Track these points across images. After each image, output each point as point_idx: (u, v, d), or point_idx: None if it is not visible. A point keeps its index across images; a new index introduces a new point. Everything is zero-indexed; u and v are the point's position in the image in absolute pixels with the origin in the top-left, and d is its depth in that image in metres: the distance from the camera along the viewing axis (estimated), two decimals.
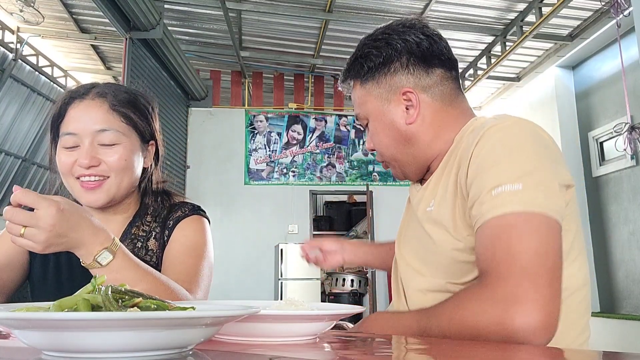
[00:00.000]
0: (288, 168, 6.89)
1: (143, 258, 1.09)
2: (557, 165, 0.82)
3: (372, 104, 1.00)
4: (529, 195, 0.76)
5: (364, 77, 1.00)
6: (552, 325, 0.71)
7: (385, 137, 1.00)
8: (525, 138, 0.82)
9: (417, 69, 0.97)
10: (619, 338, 4.52)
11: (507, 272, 0.73)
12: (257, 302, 0.71)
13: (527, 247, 0.73)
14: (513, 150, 0.81)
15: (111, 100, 1.06)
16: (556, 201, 0.77)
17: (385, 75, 0.98)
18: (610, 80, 5.01)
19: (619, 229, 4.87)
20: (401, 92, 0.97)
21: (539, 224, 0.75)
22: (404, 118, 0.97)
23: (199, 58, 6.55)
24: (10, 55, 5.46)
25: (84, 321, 0.43)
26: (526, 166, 0.78)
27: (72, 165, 1.02)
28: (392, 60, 0.97)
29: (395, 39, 0.97)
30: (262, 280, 6.39)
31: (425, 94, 0.97)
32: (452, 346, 0.71)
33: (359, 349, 0.70)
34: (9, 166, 6.01)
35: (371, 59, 0.99)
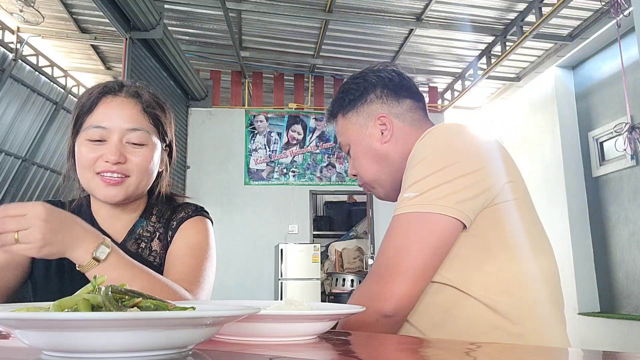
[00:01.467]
0: (288, 168, 6.89)
1: (146, 259, 1.10)
2: (478, 170, 0.91)
3: (353, 131, 1.15)
4: (419, 199, 0.89)
5: (346, 108, 1.16)
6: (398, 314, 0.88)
7: (365, 158, 1.14)
8: (435, 146, 0.95)
9: (390, 98, 1.13)
10: (619, 338, 4.52)
11: (374, 268, 0.92)
12: (257, 302, 0.71)
13: (392, 244, 0.90)
14: (423, 157, 0.94)
15: (144, 101, 1.07)
16: (448, 200, 0.87)
17: (363, 104, 1.14)
18: (610, 80, 5.01)
19: (619, 229, 4.87)
20: (377, 117, 1.12)
21: (417, 220, 0.88)
22: (380, 139, 1.11)
23: (199, 58, 6.55)
24: (10, 55, 5.46)
25: (84, 321, 0.43)
26: (427, 171, 0.91)
27: (95, 160, 1.01)
28: (368, 92, 1.14)
29: (371, 76, 1.15)
30: (262, 280, 6.39)
31: (397, 119, 1.12)
32: (452, 346, 0.71)
33: (359, 349, 0.70)
34: (9, 166, 6.01)
35: (351, 93, 1.16)
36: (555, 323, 0.93)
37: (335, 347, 0.69)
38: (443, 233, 0.88)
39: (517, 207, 0.94)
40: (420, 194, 0.89)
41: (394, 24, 5.40)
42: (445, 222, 0.87)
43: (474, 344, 0.76)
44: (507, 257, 0.91)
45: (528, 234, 0.94)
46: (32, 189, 6.57)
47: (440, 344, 0.74)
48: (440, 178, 0.89)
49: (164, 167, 1.16)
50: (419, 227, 0.88)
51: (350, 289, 6.43)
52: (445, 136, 0.96)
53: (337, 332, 0.85)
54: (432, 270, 0.89)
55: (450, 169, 0.90)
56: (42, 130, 6.32)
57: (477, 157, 0.93)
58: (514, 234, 0.92)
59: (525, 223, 0.95)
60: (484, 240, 0.91)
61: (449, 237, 0.88)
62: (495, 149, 0.97)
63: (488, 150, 0.95)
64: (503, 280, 0.90)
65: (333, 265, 6.97)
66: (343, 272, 6.70)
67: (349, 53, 6.29)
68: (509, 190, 0.93)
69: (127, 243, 1.10)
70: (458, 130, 0.98)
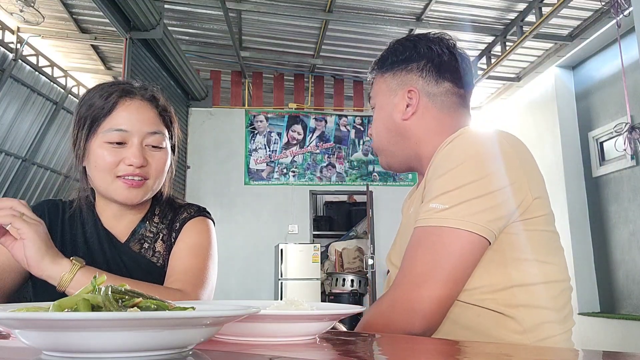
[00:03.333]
0: (288, 168, 6.88)
1: (150, 259, 1.10)
2: (507, 186, 0.87)
3: (382, 92, 1.10)
4: (448, 213, 0.86)
5: (385, 67, 1.10)
6: (429, 327, 0.85)
7: (382, 125, 1.10)
8: (466, 155, 0.90)
9: (430, 75, 1.06)
10: (619, 338, 4.52)
11: (401, 279, 0.88)
12: (257, 302, 0.71)
13: (422, 258, 0.86)
14: (452, 167, 0.89)
15: (160, 105, 1.09)
16: (477, 217, 0.85)
17: (402, 70, 1.07)
18: (610, 80, 5.01)
19: (619, 229, 4.87)
20: (407, 90, 1.06)
21: (445, 236, 0.85)
22: (401, 113, 1.06)
23: (199, 58, 6.55)
24: (11, 56, 5.46)
25: (84, 321, 0.43)
26: (457, 183, 0.87)
27: (116, 163, 1.02)
28: (412, 60, 1.07)
29: (422, 44, 1.08)
30: (262, 280, 6.40)
31: (427, 99, 1.06)
32: (452, 346, 0.71)
33: (359, 349, 0.70)
34: (9, 166, 6.01)
35: (395, 54, 1.09)
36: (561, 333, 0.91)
37: (335, 347, 0.69)
38: (472, 250, 0.85)
39: (541, 222, 0.91)
40: (450, 208, 0.86)
41: (394, 24, 5.40)
42: (475, 240, 0.85)
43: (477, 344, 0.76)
44: (517, 268, 0.89)
45: (544, 248, 0.92)
46: (32, 189, 6.57)
47: (443, 344, 0.74)
48: (470, 192, 0.86)
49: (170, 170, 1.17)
50: (449, 242, 0.85)
51: (350, 289, 6.43)
52: (476, 144, 0.91)
53: (337, 332, 0.85)
54: (460, 286, 0.87)
55: (480, 183, 0.86)
56: (42, 130, 6.32)
57: (509, 170, 0.89)
58: (531, 248, 0.90)
59: (544, 237, 0.92)
60: (500, 252, 0.89)
61: (477, 254, 0.86)
62: (526, 160, 0.94)
63: (519, 162, 0.91)
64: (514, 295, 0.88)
65: (333, 265, 6.97)
66: (343, 272, 6.70)
67: (349, 53, 6.29)
68: (537, 207, 0.90)
69: (130, 243, 1.11)
70: (489, 137, 0.93)
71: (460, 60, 1.08)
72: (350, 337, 0.80)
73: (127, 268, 1.08)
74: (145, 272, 1.07)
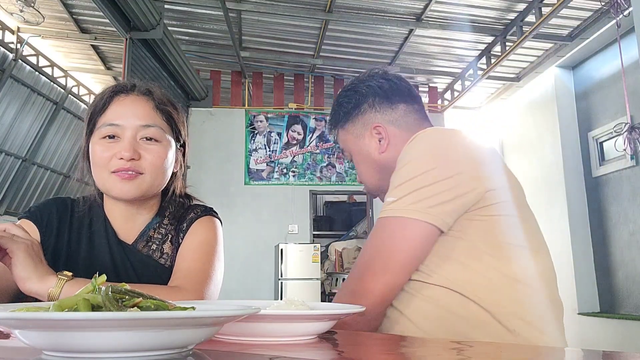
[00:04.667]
0: (288, 168, 6.89)
1: (157, 260, 1.10)
2: (454, 176, 0.92)
3: (352, 142, 1.18)
4: (396, 204, 0.93)
5: (342, 121, 1.19)
6: (375, 311, 0.91)
7: (365, 167, 1.17)
8: (417, 151, 0.97)
9: (382, 106, 1.14)
10: (619, 338, 4.52)
11: (353, 269, 0.96)
12: (257, 302, 0.71)
13: (371, 247, 0.94)
14: (404, 163, 0.97)
15: (156, 99, 1.08)
16: (423, 204, 0.90)
17: (357, 115, 1.16)
18: (610, 80, 5.01)
19: (619, 229, 4.87)
20: (372, 127, 1.14)
21: (393, 225, 0.92)
22: (377, 149, 1.14)
23: (199, 58, 6.55)
24: (11, 56, 5.46)
25: (84, 321, 0.43)
26: (407, 176, 0.94)
27: (109, 159, 1.01)
28: (361, 103, 1.16)
29: (360, 86, 1.17)
30: (262, 280, 6.40)
31: (392, 126, 1.14)
32: (453, 346, 0.71)
33: (359, 349, 0.70)
34: (9, 166, 6.01)
35: (344, 105, 1.18)
36: (550, 323, 0.94)
37: (335, 347, 0.69)
38: (416, 237, 0.91)
39: (504, 211, 0.95)
40: (398, 199, 0.93)
41: (394, 24, 5.40)
42: (418, 227, 0.90)
43: (467, 343, 0.76)
44: (495, 259, 0.92)
45: (517, 236, 0.95)
46: (32, 189, 6.57)
47: (439, 342, 0.74)
48: (417, 184, 0.92)
49: (178, 167, 1.15)
50: (395, 231, 0.92)
51: None
52: (429, 141, 0.98)
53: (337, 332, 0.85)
54: (406, 273, 0.93)
55: (428, 174, 0.92)
56: (42, 131, 6.32)
57: (457, 162, 0.94)
58: (502, 236, 0.93)
59: (514, 226, 0.96)
60: (472, 242, 0.93)
61: (423, 240, 0.91)
62: (483, 155, 0.98)
63: (472, 155, 0.96)
64: (491, 280, 0.91)
65: (333, 265, 6.97)
66: (343, 272, 6.70)
67: (349, 53, 6.29)
68: (496, 195, 0.94)
69: (138, 244, 1.10)
70: (443, 135, 1.00)
71: (398, 82, 1.17)
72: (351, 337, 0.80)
73: (135, 269, 1.07)
74: (152, 273, 1.07)
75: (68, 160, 7.06)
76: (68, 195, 7.73)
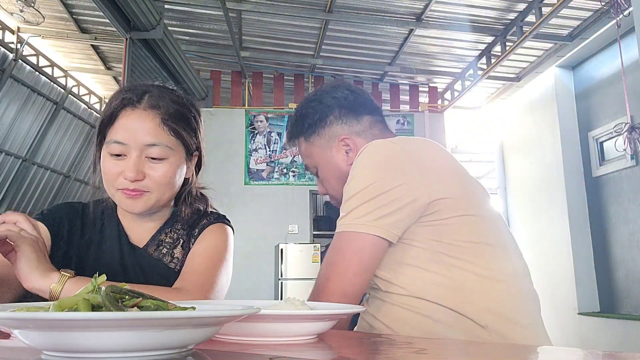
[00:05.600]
0: (288, 168, 6.88)
1: (167, 265, 1.10)
2: (396, 187, 0.94)
3: (318, 154, 1.17)
4: (345, 219, 0.97)
5: (307, 132, 1.18)
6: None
7: (334, 180, 1.16)
8: (360, 166, 0.99)
9: (349, 118, 1.15)
10: (619, 338, 4.52)
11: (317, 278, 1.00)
12: (257, 302, 0.71)
13: (326, 263, 0.98)
14: (350, 179, 0.99)
15: (164, 113, 1.05)
16: (368, 218, 0.93)
17: (324, 127, 1.16)
18: (610, 80, 5.01)
19: (619, 229, 4.87)
20: (339, 139, 1.14)
21: (343, 240, 0.96)
22: (345, 160, 1.14)
23: (199, 58, 6.55)
24: (11, 56, 5.46)
25: (84, 321, 0.43)
26: (352, 192, 0.97)
27: (117, 175, 1.02)
28: (327, 115, 1.15)
29: (326, 98, 1.16)
30: (262, 280, 6.39)
31: (359, 138, 1.14)
32: (454, 346, 0.71)
33: (359, 349, 0.70)
34: (9, 166, 6.01)
35: (309, 117, 1.17)
36: (526, 315, 0.94)
37: (335, 347, 0.69)
38: (365, 250, 0.94)
39: (456, 213, 0.95)
40: (346, 214, 0.97)
41: (394, 24, 5.40)
42: (366, 240, 0.94)
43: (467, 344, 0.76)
44: (454, 259, 0.93)
45: (476, 234, 0.96)
46: (32, 189, 6.57)
47: (440, 343, 0.74)
48: (361, 198, 0.95)
49: (190, 174, 1.15)
50: (345, 246, 0.95)
51: None
52: (372, 154, 1.00)
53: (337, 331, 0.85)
54: (360, 286, 0.96)
55: (370, 188, 0.95)
56: (42, 130, 6.32)
57: (398, 173, 0.96)
58: (457, 235, 0.95)
59: (471, 225, 0.96)
60: (426, 247, 0.95)
61: (372, 252, 0.94)
62: (427, 164, 0.99)
63: (415, 165, 0.97)
64: (453, 279, 0.93)
65: None
66: None
67: (349, 53, 6.29)
68: (443, 202, 0.95)
69: (148, 248, 1.11)
70: (386, 146, 1.01)
71: (361, 94, 1.18)
72: (351, 337, 0.80)
73: (144, 272, 1.08)
74: (161, 277, 1.07)
75: (68, 160, 7.06)
76: (68, 195, 7.69)
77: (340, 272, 0.95)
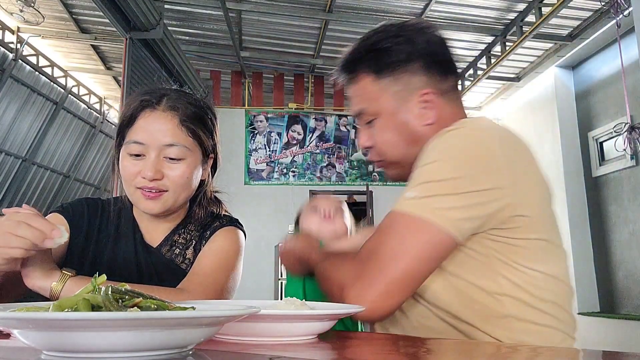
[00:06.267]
0: (288, 168, 6.89)
1: (179, 265, 1.11)
2: (476, 179, 0.83)
3: (385, 100, 0.96)
4: (423, 202, 0.82)
5: (381, 72, 0.96)
6: (375, 314, 0.82)
7: (395, 136, 0.97)
8: (453, 150, 0.85)
9: (437, 72, 0.95)
10: (618, 338, 4.52)
11: (367, 259, 0.85)
12: (257, 302, 0.71)
13: (390, 244, 0.83)
14: (437, 159, 0.85)
15: (182, 114, 1.06)
16: (448, 213, 0.81)
17: (405, 73, 0.94)
18: (610, 80, 5.01)
19: (619, 229, 4.87)
20: (420, 93, 0.94)
21: (412, 226, 0.82)
22: (420, 119, 0.95)
23: (199, 58, 6.55)
24: (11, 56, 5.46)
25: (84, 321, 0.43)
26: (437, 176, 0.83)
27: (135, 175, 1.03)
28: (414, 60, 0.94)
29: (419, 38, 0.95)
30: (262, 280, 6.39)
31: (442, 99, 0.96)
32: (454, 346, 0.71)
33: (359, 349, 0.70)
34: (9, 166, 6.01)
35: (391, 55, 0.95)
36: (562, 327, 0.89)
37: (335, 347, 0.69)
38: (438, 246, 0.82)
39: (529, 235, 0.86)
40: (425, 197, 0.82)
41: None
42: (443, 236, 0.81)
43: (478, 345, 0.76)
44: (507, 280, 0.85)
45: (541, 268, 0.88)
46: (32, 189, 6.57)
47: (442, 344, 0.74)
48: (448, 187, 0.82)
49: (206, 176, 1.16)
50: (417, 233, 0.81)
51: None
52: (467, 141, 0.86)
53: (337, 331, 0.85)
54: (419, 282, 0.84)
55: (462, 180, 0.82)
56: (42, 130, 6.32)
57: (494, 174, 0.84)
58: (522, 265, 0.86)
59: (538, 258, 0.88)
60: (486, 262, 0.85)
61: (443, 251, 0.83)
62: (520, 166, 0.88)
63: (506, 167, 0.85)
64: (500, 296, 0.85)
65: None
66: None
67: None
68: (524, 220, 0.85)
69: (162, 248, 1.12)
70: (481, 136, 0.88)
71: (449, 48, 0.99)
72: (351, 337, 0.80)
73: (157, 272, 1.09)
74: (174, 277, 1.07)
75: (68, 160, 7.06)
76: (68, 195, 7.67)
77: (402, 260, 0.81)
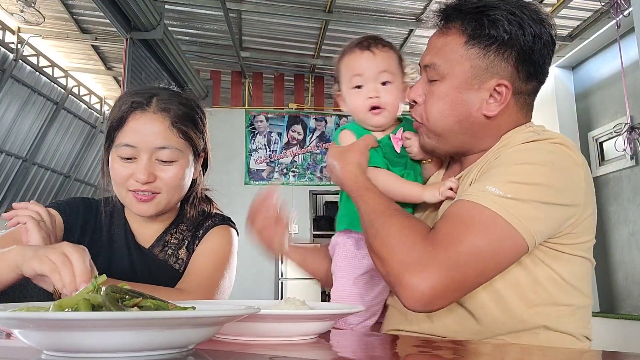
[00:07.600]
0: (288, 168, 6.88)
1: (172, 265, 1.11)
2: (562, 193, 0.82)
3: (462, 72, 0.89)
4: (512, 205, 0.78)
5: (475, 39, 0.88)
6: (427, 308, 0.75)
7: (448, 109, 0.90)
8: (548, 157, 0.83)
9: (524, 69, 0.89)
10: (619, 338, 4.52)
11: (443, 247, 0.76)
12: (257, 302, 0.71)
13: (471, 240, 0.77)
14: (530, 161, 0.82)
15: (173, 115, 1.06)
16: (532, 223, 0.78)
17: (497, 53, 0.87)
18: (610, 80, 5.00)
19: (619, 230, 4.87)
20: (497, 80, 0.88)
21: (499, 230, 0.77)
22: (482, 107, 0.89)
23: (199, 58, 6.55)
24: (11, 56, 5.46)
25: (84, 321, 0.44)
26: (529, 179, 0.80)
27: (127, 178, 1.03)
28: (513, 45, 0.87)
29: (529, 28, 0.87)
30: (262, 280, 6.39)
31: (514, 97, 0.90)
32: (455, 346, 0.71)
33: (359, 349, 0.70)
34: (9, 166, 6.01)
35: (497, 28, 0.86)
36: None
37: (335, 347, 0.69)
38: (516, 256, 0.80)
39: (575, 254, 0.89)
40: (514, 199, 0.78)
41: (394, 24, 5.39)
42: (523, 248, 0.78)
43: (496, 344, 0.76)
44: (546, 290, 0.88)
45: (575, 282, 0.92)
46: (32, 189, 6.57)
47: (442, 343, 0.74)
48: (540, 194, 0.80)
49: (197, 175, 1.16)
50: (502, 239, 0.77)
51: None
52: (561, 153, 0.85)
53: (337, 331, 0.85)
54: (481, 285, 0.81)
55: (552, 191, 0.81)
56: (43, 131, 6.32)
57: (578, 193, 0.85)
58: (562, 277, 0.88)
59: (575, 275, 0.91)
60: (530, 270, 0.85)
61: (516, 259, 0.81)
62: (592, 190, 0.90)
63: (585, 185, 0.87)
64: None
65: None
66: None
67: None
68: (580, 236, 0.87)
69: (154, 249, 1.12)
70: (575, 152, 0.87)
71: (550, 55, 0.91)
72: (351, 337, 0.80)
73: (151, 273, 1.09)
74: (167, 277, 1.08)
75: (68, 160, 7.06)
76: (68, 195, 7.69)
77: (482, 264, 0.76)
